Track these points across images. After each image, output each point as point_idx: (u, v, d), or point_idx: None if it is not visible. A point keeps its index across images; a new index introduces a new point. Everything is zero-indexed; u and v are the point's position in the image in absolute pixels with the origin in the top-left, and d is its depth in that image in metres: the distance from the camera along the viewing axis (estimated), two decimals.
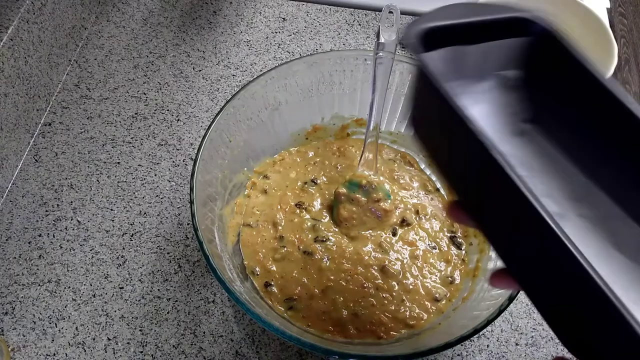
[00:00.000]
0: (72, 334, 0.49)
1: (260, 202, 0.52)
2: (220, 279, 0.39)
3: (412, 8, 0.71)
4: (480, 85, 0.35)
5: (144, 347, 0.48)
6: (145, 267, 0.52)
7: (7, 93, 0.55)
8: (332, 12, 0.72)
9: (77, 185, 0.57)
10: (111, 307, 0.50)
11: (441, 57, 0.32)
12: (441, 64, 0.32)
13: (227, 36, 0.70)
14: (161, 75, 0.66)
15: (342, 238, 0.49)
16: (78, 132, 0.61)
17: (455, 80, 0.34)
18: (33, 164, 0.59)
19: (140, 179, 0.58)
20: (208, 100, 0.64)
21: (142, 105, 0.63)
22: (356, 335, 0.45)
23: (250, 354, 0.48)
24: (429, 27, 0.31)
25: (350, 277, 0.47)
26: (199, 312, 0.50)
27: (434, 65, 0.30)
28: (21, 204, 0.56)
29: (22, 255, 0.53)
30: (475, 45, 0.33)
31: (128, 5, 0.73)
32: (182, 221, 0.55)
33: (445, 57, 0.33)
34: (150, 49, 0.69)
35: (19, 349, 0.48)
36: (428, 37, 0.31)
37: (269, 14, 0.72)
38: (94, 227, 0.55)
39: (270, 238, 0.50)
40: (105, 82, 0.65)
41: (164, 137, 0.61)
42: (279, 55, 0.68)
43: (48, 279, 0.51)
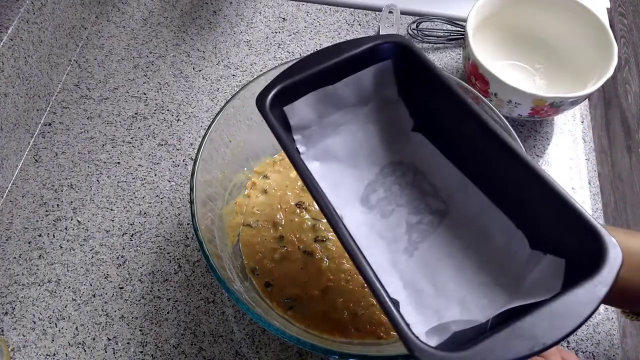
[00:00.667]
0: (72, 334, 0.49)
1: (260, 202, 0.52)
2: (220, 279, 0.39)
3: (412, 8, 0.71)
4: (366, 108, 0.40)
5: (144, 347, 0.48)
6: (145, 267, 0.52)
7: (7, 93, 0.55)
8: (332, 12, 0.72)
9: (77, 185, 0.57)
10: (111, 307, 0.50)
11: (309, 102, 0.38)
12: (310, 108, 0.38)
13: (227, 36, 0.70)
14: (161, 75, 0.66)
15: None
16: (78, 132, 0.61)
17: (336, 112, 0.39)
18: (33, 164, 0.59)
19: (140, 179, 0.58)
20: (208, 100, 0.64)
21: (142, 105, 0.63)
22: (356, 335, 0.45)
23: (250, 354, 0.48)
24: (278, 90, 0.36)
25: (350, 277, 0.47)
26: (199, 312, 0.50)
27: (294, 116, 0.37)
28: (21, 204, 0.56)
29: (22, 255, 0.53)
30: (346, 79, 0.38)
31: (128, 5, 0.73)
32: (182, 221, 0.55)
33: (314, 100, 0.38)
34: (150, 49, 0.69)
35: (19, 349, 0.48)
36: (282, 94, 0.36)
37: (269, 14, 0.72)
38: (94, 227, 0.55)
39: (270, 238, 0.50)
40: (105, 82, 0.65)
41: (164, 137, 0.61)
42: (279, 55, 0.68)
43: (48, 279, 0.51)
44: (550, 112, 0.55)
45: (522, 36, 0.64)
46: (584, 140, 0.61)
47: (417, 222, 0.38)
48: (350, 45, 0.37)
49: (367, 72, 0.38)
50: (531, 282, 0.32)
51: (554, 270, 0.31)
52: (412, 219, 0.38)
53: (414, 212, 0.38)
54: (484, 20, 0.61)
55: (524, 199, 0.33)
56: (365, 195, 0.39)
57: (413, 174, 0.40)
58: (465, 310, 0.33)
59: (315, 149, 0.40)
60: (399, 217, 0.38)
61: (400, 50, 0.38)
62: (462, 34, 0.67)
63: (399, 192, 0.39)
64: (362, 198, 0.39)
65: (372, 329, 0.45)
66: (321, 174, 0.39)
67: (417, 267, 0.36)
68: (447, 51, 0.68)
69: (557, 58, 0.62)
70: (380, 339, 0.44)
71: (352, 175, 0.40)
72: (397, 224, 0.38)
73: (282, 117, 0.38)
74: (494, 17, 0.62)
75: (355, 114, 0.40)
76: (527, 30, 0.63)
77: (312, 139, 0.40)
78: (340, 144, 0.40)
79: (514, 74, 0.63)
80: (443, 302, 0.33)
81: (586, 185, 0.58)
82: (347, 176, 0.40)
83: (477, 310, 0.32)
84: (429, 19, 0.69)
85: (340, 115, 0.40)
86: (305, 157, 0.40)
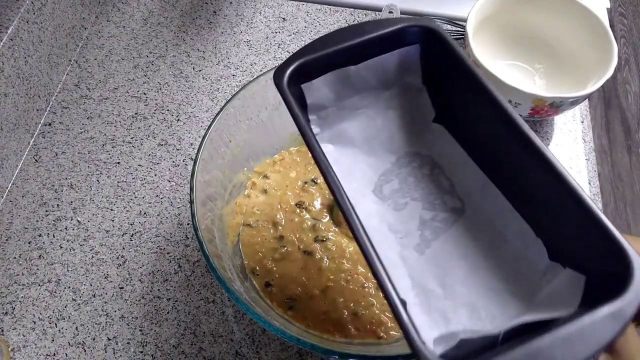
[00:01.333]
0: (72, 334, 0.49)
1: (261, 201, 0.52)
2: (220, 279, 0.39)
3: (412, 8, 0.71)
4: (387, 93, 0.38)
5: (144, 347, 0.48)
6: (145, 267, 0.52)
7: (7, 93, 0.55)
8: (332, 12, 0.72)
9: (77, 185, 0.57)
10: (111, 307, 0.50)
11: (328, 81, 0.36)
12: (329, 87, 0.36)
13: (227, 36, 0.70)
14: (161, 75, 0.66)
15: (342, 238, 0.49)
16: (78, 132, 0.61)
17: (355, 94, 0.37)
18: (33, 164, 0.59)
19: (140, 179, 0.58)
20: (208, 100, 0.64)
21: (142, 105, 0.63)
22: (356, 335, 0.45)
23: (250, 354, 0.48)
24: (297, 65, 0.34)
25: (351, 277, 0.47)
26: (199, 312, 0.50)
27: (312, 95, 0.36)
28: (21, 204, 0.56)
29: (22, 255, 0.53)
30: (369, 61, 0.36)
31: (128, 5, 0.73)
32: (182, 221, 0.55)
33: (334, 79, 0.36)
34: (150, 49, 0.69)
35: (19, 349, 0.48)
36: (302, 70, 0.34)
37: (269, 14, 0.72)
38: (94, 227, 0.55)
39: (270, 238, 0.50)
40: (105, 82, 0.65)
41: (164, 137, 0.61)
42: (279, 55, 0.68)
43: (48, 279, 0.51)
44: (550, 112, 0.55)
45: (522, 36, 0.64)
46: (584, 140, 0.61)
47: (431, 218, 0.36)
48: (377, 25, 0.35)
49: (392, 55, 0.36)
50: (547, 295, 0.30)
51: (572, 286, 0.29)
52: (426, 215, 0.36)
53: (428, 208, 0.36)
54: (484, 20, 0.61)
55: (548, 207, 0.31)
56: (379, 184, 0.38)
57: (430, 167, 0.38)
58: (474, 317, 0.31)
59: (330, 131, 0.38)
60: (412, 211, 0.36)
61: (429, 35, 0.35)
62: (462, 34, 0.67)
63: (414, 185, 0.37)
64: (375, 187, 0.37)
65: (372, 329, 0.45)
66: (334, 158, 0.37)
67: (428, 266, 0.34)
68: None
69: (557, 58, 0.62)
70: (380, 339, 0.44)
71: (366, 163, 0.38)
72: (410, 218, 0.36)
73: (299, 95, 0.35)
74: (494, 17, 0.62)
75: (375, 99, 0.38)
76: (527, 30, 0.63)
77: (328, 120, 0.38)
78: (356, 128, 0.38)
79: (514, 74, 0.63)
80: (451, 305, 0.32)
81: (586, 186, 0.58)
82: (361, 163, 0.38)
83: (487, 318, 0.31)
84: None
85: (360, 98, 0.38)
86: (320, 138, 0.38)
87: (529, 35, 0.63)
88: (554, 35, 0.62)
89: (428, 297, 0.32)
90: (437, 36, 0.35)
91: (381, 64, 0.37)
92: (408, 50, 0.36)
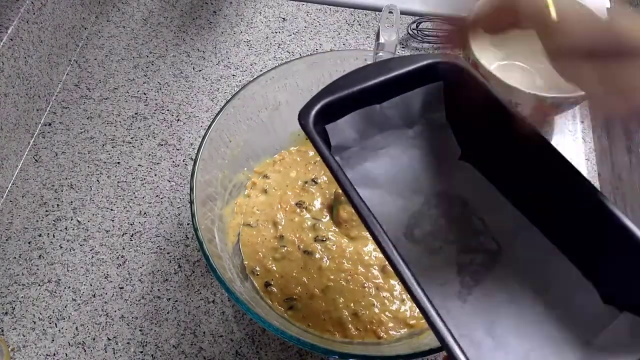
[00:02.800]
0: (72, 334, 0.49)
1: (261, 201, 0.52)
2: (220, 279, 0.39)
3: (412, 8, 0.71)
4: (410, 131, 0.37)
5: (144, 347, 0.48)
6: (145, 267, 0.52)
7: (7, 93, 0.55)
8: (332, 12, 0.72)
9: (77, 185, 0.57)
10: (111, 307, 0.50)
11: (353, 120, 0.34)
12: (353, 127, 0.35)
13: (227, 36, 0.70)
14: (161, 75, 0.66)
15: (342, 238, 0.49)
16: (78, 132, 0.61)
17: (378, 133, 0.36)
18: (33, 164, 0.59)
19: (140, 179, 0.58)
20: (208, 100, 0.64)
21: (142, 105, 0.63)
22: (356, 335, 0.45)
23: (250, 354, 0.48)
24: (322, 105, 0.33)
25: (351, 277, 0.47)
26: (199, 312, 0.50)
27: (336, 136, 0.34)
28: (21, 204, 0.56)
29: (22, 255, 0.53)
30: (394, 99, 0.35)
31: (128, 5, 0.73)
32: (182, 221, 0.55)
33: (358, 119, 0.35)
34: (150, 49, 0.69)
35: (19, 349, 0.48)
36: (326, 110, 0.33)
37: (269, 14, 0.72)
38: (94, 227, 0.55)
39: (271, 238, 0.50)
40: (105, 82, 0.65)
41: (164, 137, 0.61)
42: (279, 55, 0.68)
43: (48, 279, 0.51)
44: (550, 112, 0.55)
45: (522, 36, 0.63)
46: (584, 140, 0.61)
47: (469, 262, 0.34)
48: (402, 62, 0.34)
49: (416, 92, 0.35)
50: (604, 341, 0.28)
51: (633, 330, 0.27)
52: (463, 259, 0.34)
53: (465, 251, 0.34)
54: None
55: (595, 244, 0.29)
56: (410, 228, 0.35)
57: (461, 208, 0.36)
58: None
59: (353, 172, 0.36)
60: (448, 256, 0.34)
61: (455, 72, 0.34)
62: None
63: (446, 227, 0.35)
64: (407, 231, 0.35)
65: (372, 329, 0.45)
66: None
67: (473, 314, 0.31)
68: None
69: None
70: (381, 339, 0.44)
71: (394, 204, 0.36)
72: (446, 263, 0.34)
73: (323, 135, 0.34)
74: None
75: (398, 137, 0.37)
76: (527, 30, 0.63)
77: (351, 161, 0.36)
78: (380, 169, 0.37)
79: (514, 74, 0.63)
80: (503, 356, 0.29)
81: None
82: (389, 205, 0.36)
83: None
84: (429, 19, 0.68)
85: (383, 137, 0.36)
86: None
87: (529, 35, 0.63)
88: None
89: (478, 349, 0.30)
90: (463, 72, 0.34)
91: (405, 101, 0.35)
92: (432, 86, 0.35)
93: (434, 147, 0.37)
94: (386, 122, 0.36)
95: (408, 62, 0.34)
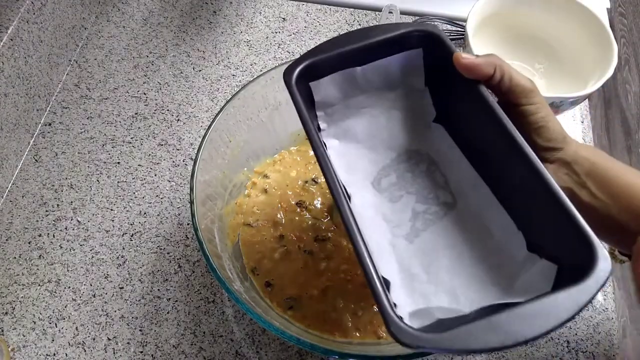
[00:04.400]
0: (72, 334, 0.49)
1: (261, 201, 0.52)
2: (220, 279, 0.39)
3: (412, 8, 0.71)
4: (392, 94, 0.41)
5: (144, 347, 0.48)
6: (145, 267, 0.52)
7: (7, 93, 0.55)
8: (332, 12, 0.72)
9: (77, 185, 0.57)
10: (111, 307, 0.50)
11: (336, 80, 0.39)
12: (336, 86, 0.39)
13: (227, 36, 0.70)
14: (161, 75, 0.66)
15: (342, 238, 0.49)
16: (78, 132, 0.61)
17: (361, 94, 0.40)
18: (33, 164, 0.59)
19: (140, 179, 0.58)
20: (208, 100, 0.64)
21: (142, 105, 0.63)
22: (356, 335, 0.45)
23: (250, 354, 0.48)
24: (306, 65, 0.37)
25: (350, 277, 0.47)
26: (199, 312, 0.50)
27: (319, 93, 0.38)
28: (21, 204, 0.56)
29: (22, 255, 0.53)
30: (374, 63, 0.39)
31: (128, 5, 0.73)
32: (182, 221, 0.55)
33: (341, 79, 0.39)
34: (150, 49, 0.69)
35: (19, 349, 0.48)
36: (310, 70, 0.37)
37: (269, 14, 0.72)
38: (94, 227, 0.55)
39: (271, 237, 0.50)
40: (105, 82, 0.65)
41: (164, 137, 0.61)
42: (279, 55, 0.68)
43: (48, 279, 0.51)
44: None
45: (522, 36, 0.64)
46: (584, 140, 0.61)
47: (423, 210, 0.38)
48: (382, 30, 0.38)
49: (396, 58, 0.39)
50: (523, 283, 0.33)
51: (545, 275, 0.32)
52: (418, 207, 0.38)
53: (421, 201, 0.39)
54: (484, 20, 0.61)
55: (528, 201, 0.34)
56: (378, 178, 0.40)
57: (427, 164, 0.40)
58: (453, 301, 0.33)
59: (336, 127, 0.41)
60: (406, 204, 0.39)
61: (431, 40, 0.38)
62: (462, 34, 0.67)
63: (410, 180, 0.40)
64: (374, 180, 0.40)
65: (372, 329, 0.45)
66: (339, 152, 0.40)
67: (415, 253, 0.36)
68: None
69: (557, 58, 0.62)
70: (380, 339, 0.44)
71: (368, 157, 0.40)
72: (403, 209, 0.38)
73: (307, 92, 0.38)
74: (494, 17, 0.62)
75: (380, 98, 0.41)
76: (527, 30, 0.63)
77: (335, 117, 0.40)
78: (361, 125, 0.41)
79: None
80: (433, 288, 0.34)
81: None
82: (363, 157, 0.41)
83: (465, 302, 0.33)
84: (429, 19, 0.69)
85: (365, 98, 0.40)
86: (326, 134, 0.40)
87: (529, 35, 0.63)
88: (554, 35, 0.62)
89: (412, 280, 0.35)
90: (438, 40, 0.37)
91: (386, 66, 0.39)
92: (412, 53, 0.39)
93: (411, 109, 0.41)
94: (368, 84, 0.40)
95: (389, 30, 0.38)
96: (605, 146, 1.36)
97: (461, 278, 0.34)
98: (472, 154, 0.38)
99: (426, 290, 0.34)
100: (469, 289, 0.34)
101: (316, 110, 0.40)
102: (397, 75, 0.40)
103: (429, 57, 0.39)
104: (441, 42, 0.37)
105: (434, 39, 0.37)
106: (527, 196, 0.33)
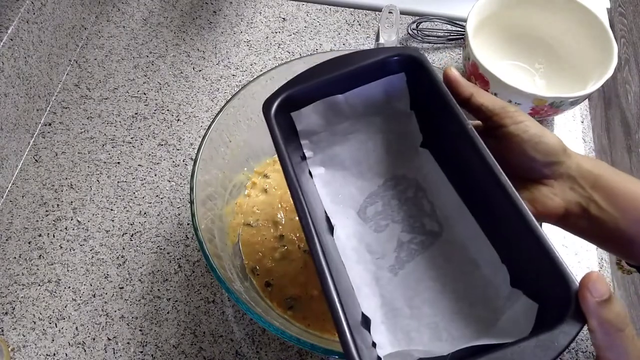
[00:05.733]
0: (72, 334, 0.49)
1: (261, 201, 0.52)
2: (220, 279, 0.39)
3: (412, 8, 0.71)
4: (378, 119, 0.40)
5: (144, 347, 0.48)
6: (145, 267, 0.52)
7: (7, 93, 0.55)
8: (332, 12, 0.72)
9: (77, 185, 0.57)
10: (111, 307, 0.50)
11: (318, 109, 0.38)
12: (319, 115, 0.38)
13: (227, 36, 0.70)
14: (161, 75, 0.66)
15: None
16: (78, 132, 0.61)
17: (346, 120, 0.39)
18: (33, 164, 0.59)
19: (140, 179, 0.58)
20: (208, 100, 0.64)
21: (142, 105, 0.63)
22: None
23: (250, 354, 0.48)
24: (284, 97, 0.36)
25: None
26: (199, 312, 0.50)
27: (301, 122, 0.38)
28: (21, 204, 0.56)
29: (22, 255, 0.53)
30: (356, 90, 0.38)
31: (128, 5, 0.73)
32: (182, 221, 0.55)
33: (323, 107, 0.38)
34: (150, 49, 0.69)
35: (19, 349, 0.48)
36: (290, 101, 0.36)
37: (269, 14, 0.72)
38: (94, 227, 0.55)
39: (271, 237, 0.50)
40: (105, 82, 0.65)
41: (164, 137, 0.61)
42: (279, 55, 0.68)
43: (48, 279, 0.51)
44: (550, 112, 0.55)
45: (522, 36, 0.64)
46: (584, 140, 0.61)
47: (408, 240, 0.37)
48: (363, 56, 0.37)
49: (379, 83, 0.38)
50: (506, 320, 0.31)
51: (527, 313, 0.30)
52: (404, 237, 0.37)
53: (407, 230, 0.37)
54: (484, 20, 0.61)
55: (511, 235, 0.32)
56: (364, 206, 0.39)
57: (415, 190, 0.39)
58: (435, 337, 0.32)
59: (322, 155, 0.40)
60: (391, 233, 0.37)
61: (413, 64, 0.37)
62: (462, 34, 0.67)
63: (397, 208, 0.38)
64: (360, 209, 0.39)
65: None
66: (325, 180, 0.39)
67: (399, 286, 0.35)
68: (447, 51, 0.68)
69: (557, 58, 0.62)
70: None
71: (355, 185, 0.40)
72: (388, 239, 0.37)
73: (289, 122, 0.38)
74: (494, 17, 0.62)
75: (366, 124, 0.40)
76: (527, 30, 0.63)
77: (321, 144, 0.40)
78: (348, 152, 0.40)
79: (514, 74, 0.63)
80: (415, 324, 0.33)
81: None
82: (350, 185, 0.40)
83: (447, 340, 0.32)
84: (429, 19, 0.69)
85: (351, 124, 0.40)
86: (312, 161, 0.40)
87: (529, 35, 0.63)
88: (554, 35, 0.62)
89: (395, 315, 0.33)
90: (419, 64, 0.37)
91: (369, 91, 0.38)
92: (394, 78, 0.38)
93: (398, 134, 0.40)
94: (352, 111, 0.39)
95: (369, 56, 0.37)
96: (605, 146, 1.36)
97: (445, 313, 0.33)
98: (457, 182, 0.37)
99: (408, 326, 0.33)
100: (452, 325, 0.32)
101: (300, 138, 0.39)
102: (381, 101, 0.39)
103: (413, 81, 0.38)
104: (423, 65, 0.36)
105: (416, 63, 0.37)
106: (507, 228, 0.32)
